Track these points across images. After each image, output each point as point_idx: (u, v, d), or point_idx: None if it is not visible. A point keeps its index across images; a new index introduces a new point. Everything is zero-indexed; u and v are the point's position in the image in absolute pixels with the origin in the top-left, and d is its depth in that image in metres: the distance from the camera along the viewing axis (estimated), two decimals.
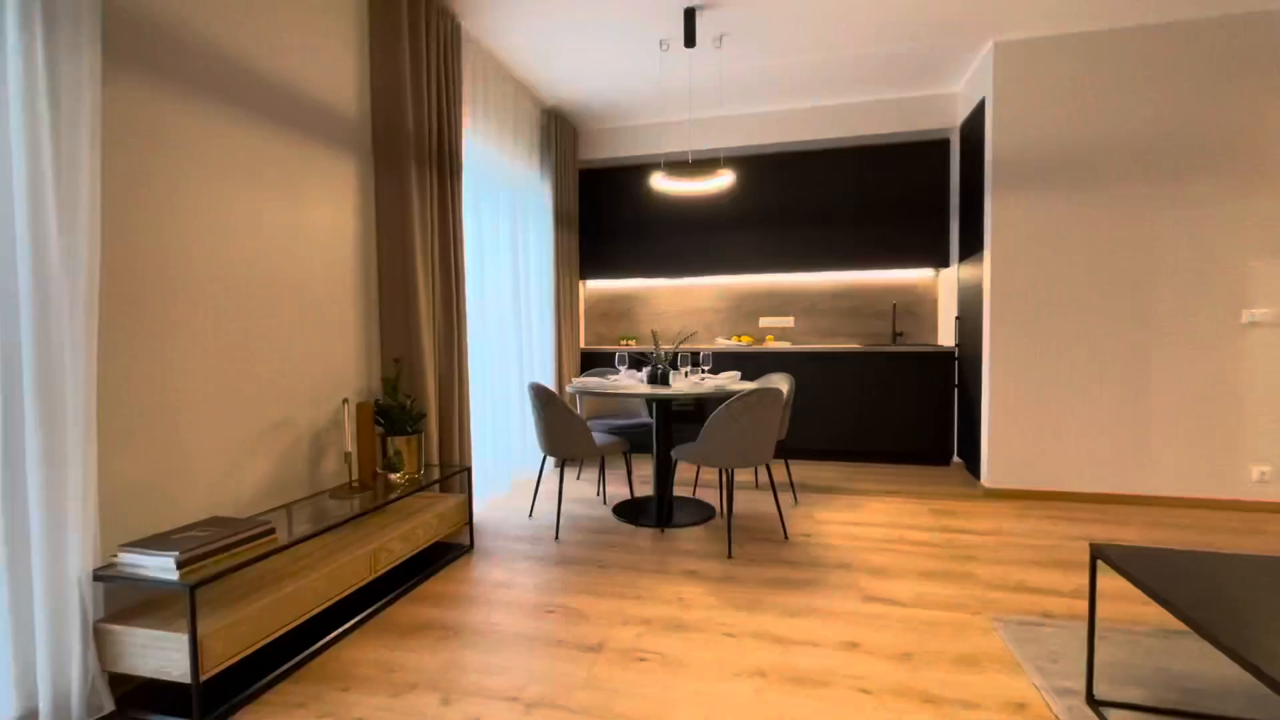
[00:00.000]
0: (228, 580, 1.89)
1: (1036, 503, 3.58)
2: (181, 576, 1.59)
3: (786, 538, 2.98)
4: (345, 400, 2.43)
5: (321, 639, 2.00)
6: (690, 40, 3.28)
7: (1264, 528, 3.10)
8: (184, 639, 1.56)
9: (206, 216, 2.02)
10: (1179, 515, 3.32)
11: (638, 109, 4.64)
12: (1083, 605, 2.25)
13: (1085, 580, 2.46)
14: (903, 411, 4.46)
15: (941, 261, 4.60)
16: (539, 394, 3.00)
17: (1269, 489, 3.35)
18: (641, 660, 1.90)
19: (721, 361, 4.75)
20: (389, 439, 2.61)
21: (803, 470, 4.38)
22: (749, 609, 2.24)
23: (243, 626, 1.68)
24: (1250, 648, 1.13)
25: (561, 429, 2.98)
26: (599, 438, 3.23)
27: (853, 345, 4.68)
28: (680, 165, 3.32)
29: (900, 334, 4.92)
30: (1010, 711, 1.65)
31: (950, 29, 3.48)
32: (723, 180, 3.50)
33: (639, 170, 5.08)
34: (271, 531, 1.87)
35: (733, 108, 4.65)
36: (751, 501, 3.60)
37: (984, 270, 3.75)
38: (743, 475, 4.24)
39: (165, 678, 1.58)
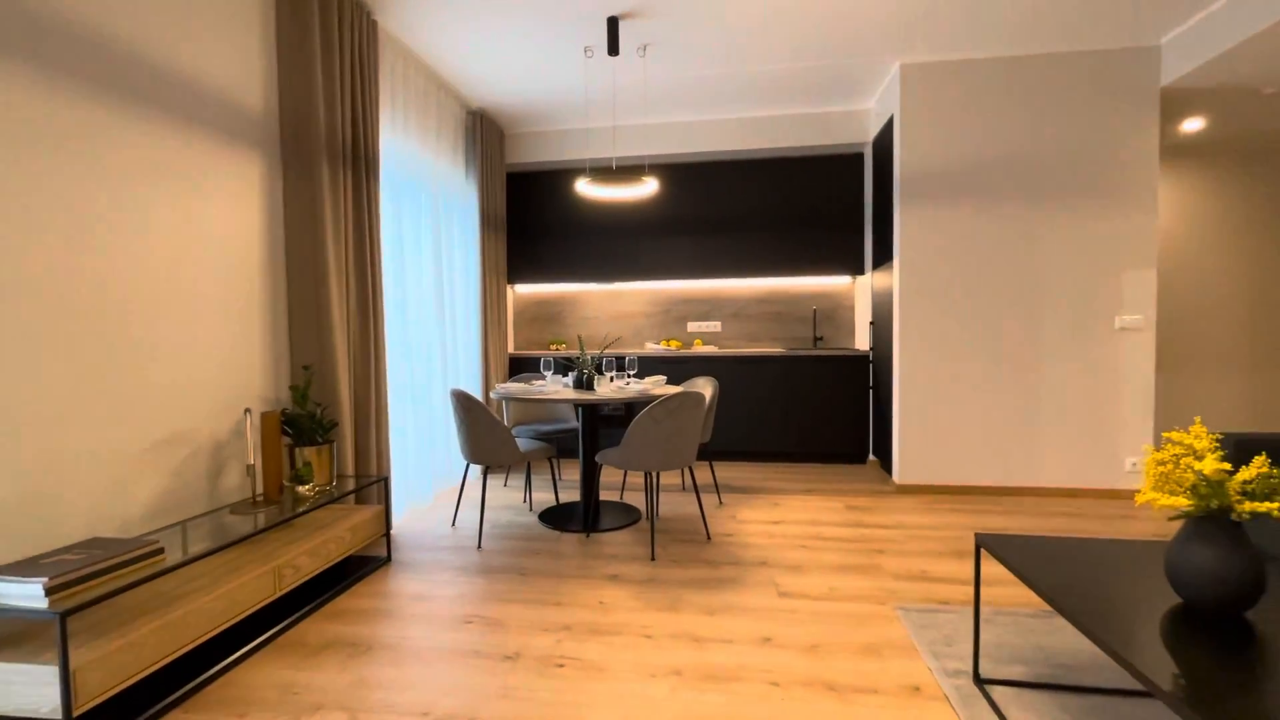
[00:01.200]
0: (110, 606, 1.75)
1: (942, 497, 3.81)
2: (51, 604, 1.46)
3: (709, 538, 3.05)
4: (247, 410, 2.31)
5: (220, 663, 1.89)
6: (614, 49, 3.32)
7: (1135, 513, 3.42)
8: (54, 671, 1.44)
9: (82, 215, 1.88)
10: (1065, 504, 3.61)
11: (565, 114, 4.64)
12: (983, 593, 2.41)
13: (989, 570, 2.63)
14: (822, 413, 4.65)
15: (857, 269, 4.83)
16: (461, 400, 2.94)
17: (1139, 478, 3.70)
18: (559, 666, 1.90)
19: (649, 366, 4.81)
20: (297, 450, 2.49)
21: (727, 471, 4.49)
22: (669, 610, 2.28)
23: (125, 655, 1.56)
24: (1101, 625, 1.25)
25: (484, 436, 2.94)
26: (524, 444, 3.20)
27: (776, 349, 4.84)
28: (605, 171, 3.35)
29: (820, 338, 5.12)
30: (906, 694, 1.75)
31: (860, 49, 3.67)
32: (647, 188, 3.56)
33: (568, 174, 5.08)
34: (159, 552, 1.75)
35: (657, 116, 4.72)
36: (678, 503, 3.65)
37: (893, 278, 3.96)
38: (670, 478, 4.30)
39: (34, 715, 1.45)
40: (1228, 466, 1.23)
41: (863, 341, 4.91)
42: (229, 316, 2.40)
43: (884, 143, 4.23)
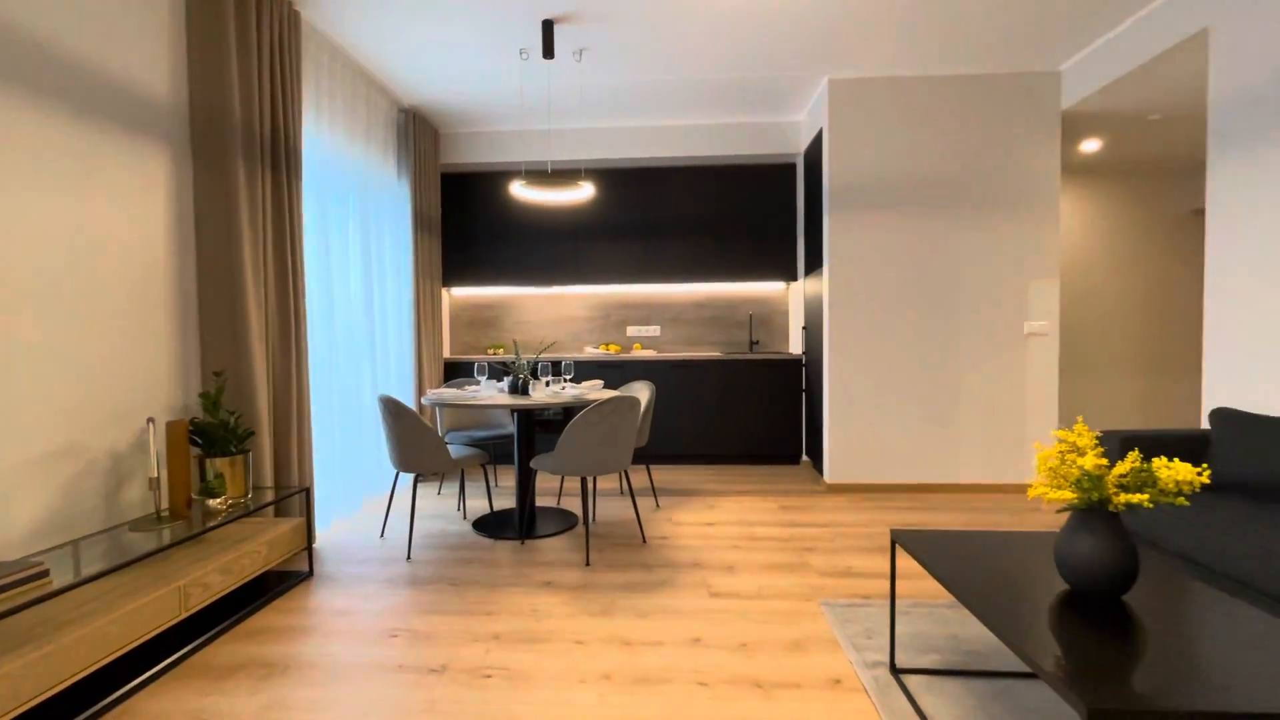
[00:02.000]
0: None
1: (869, 495, 3.96)
2: None
3: (644, 541, 3.06)
4: (150, 420, 2.16)
5: (117, 691, 1.76)
6: (549, 52, 3.30)
7: (1041, 506, 3.66)
8: None
9: None
10: (981, 499, 3.83)
11: (501, 115, 4.59)
12: (900, 586, 2.52)
13: (901, 563, 2.76)
14: (758, 415, 4.76)
15: (791, 275, 4.98)
16: (389, 406, 2.85)
17: None
18: (487, 677, 1.87)
19: (588, 370, 4.80)
20: (208, 461, 2.35)
21: (665, 474, 4.53)
22: (602, 615, 2.28)
23: (1, 687, 1.43)
24: (996, 612, 1.33)
25: (414, 443, 2.86)
26: (457, 450, 3.13)
27: (714, 353, 4.92)
28: (540, 175, 3.32)
29: (757, 342, 5.25)
30: (828, 687, 1.81)
31: (790, 63, 3.79)
32: (583, 192, 3.55)
33: (506, 176, 5.01)
34: (43, 574, 1.62)
35: (595, 120, 4.73)
36: (615, 508, 3.66)
37: (823, 285, 4.11)
38: (608, 482, 4.30)
39: None
40: (1105, 462, 1.34)
41: (796, 346, 5.06)
42: (130, 320, 2.25)
43: (814, 154, 4.38)
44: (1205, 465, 1.29)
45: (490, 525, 3.29)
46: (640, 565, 2.76)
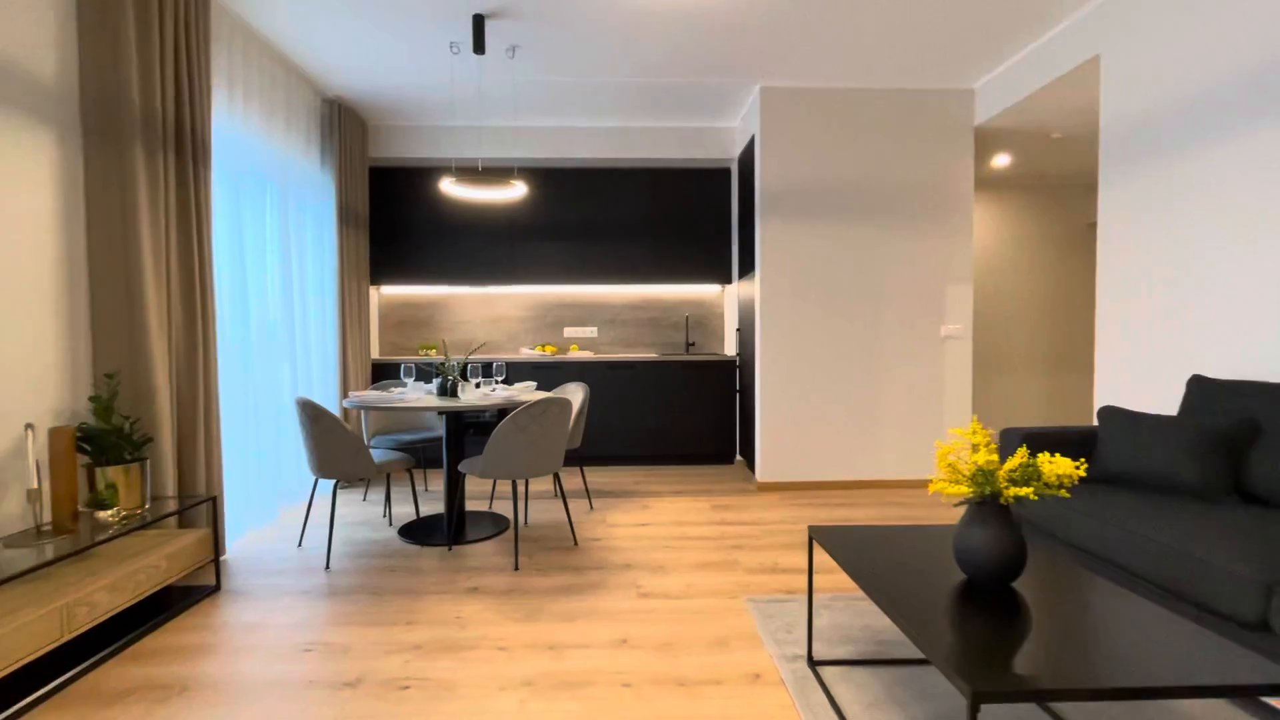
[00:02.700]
0: None
1: (799, 493, 4.08)
2: None
3: (576, 544, 3.05)
4: (29, 425, 1.99)
5: None
6: (480, 47, 3.24)
7: (940, 499, 3.86)
8: None
9: None
10: (901, 495, 4.00)
11: (432, 110, 4.47)
12: (821, 580, 2.61)
13: (823, 558, 2.85)
14: (694, 416, 4.82)
15: (725, 278, 5.07)
16: (306, 410, 2.73)
17: None
18: (404, 689, 1.81)
19: (523, 371, 4.74)
20: (99, 469, 2.18)
21: (601, 476, 4.52)
22: (528, 620, 2.25)
23: None
24: (898, 603, 1.40)
25: (333, 447, 2.74)
26: (380, 455, 3.02)
27: (650, 355, 4.95)
28: (471, 172, 3.26)
29: (693, 344, 5.31)
30: (748, 682, 1.84)
31: (723, 70, 3.86)
32: (515, 191, 3.51)
33: (439, 172, 4.89)
34: None
35: (529, 119, 4.67)
36: (549, 511, 3.62)
37: (755, 288, 4.20)
38: (543, 484, 4.26)
39: None
40: (996, 458, 1.42)
41: (731, 347, 5.15)
42: (6, 318, 2.06)
43: (748, 160, 4.47)
44: (1083, 460, 1.39)
45: (417, 531, 3.19)
46: (571, 568, 2.74)
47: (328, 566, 2.76)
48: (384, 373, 4.73)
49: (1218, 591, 1.61)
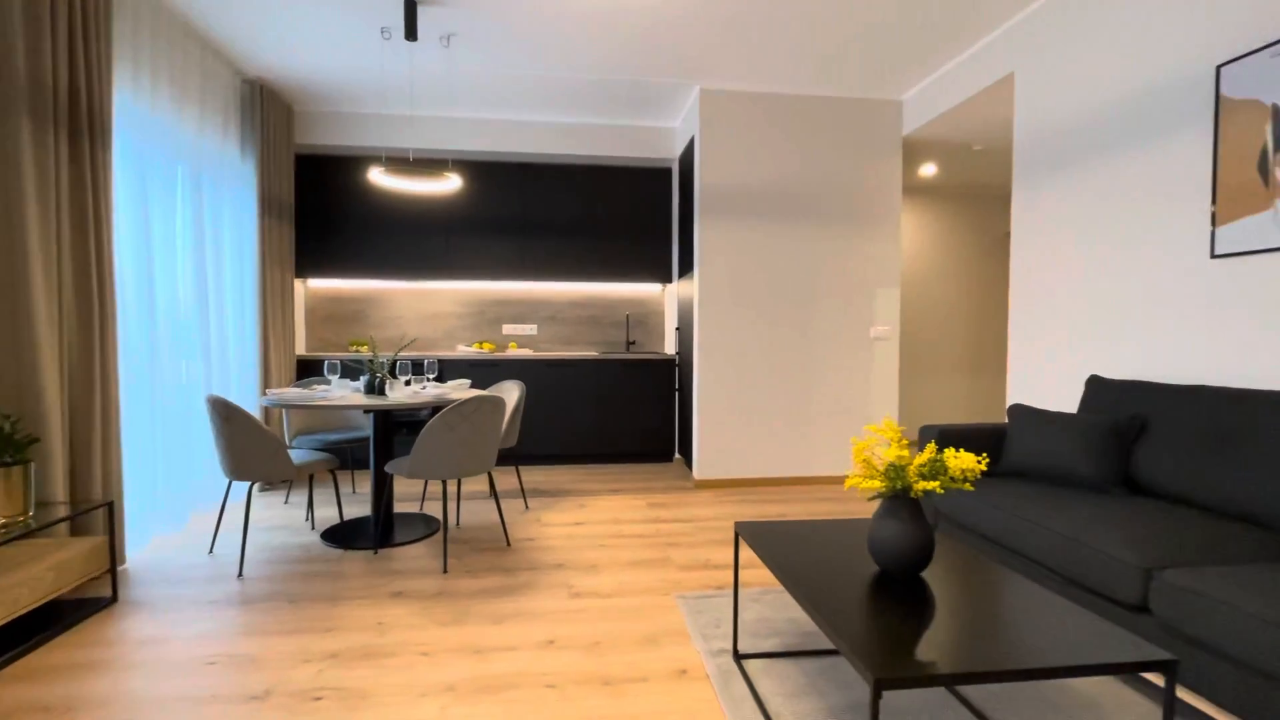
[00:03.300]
0: None
1: (734, 490, 4.15)
2: None
3: (509, 545, 3.00)
4: None
5: None
6: (411, 33, 3.14)
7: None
8: None
9: None
10: (831, 490, 4.13)
11: (363, 96, 4.30)
12: (750, 575, 2.65)
13: (752, 554, 2.90)
14: (633, 414, 4.83)
15: (666, 277, 5.10)
16: (218, 408, 2.57)
17: None
18: (316, 700, 1.73)
19: (460, 369, 4.62)
20: None
21: (538, 475, 4.47)
22: (454, 623, 2.19)
23: None
24: (814, 595, 1.43)
25: (248, 448, 2.60)
26: (301, 455, 2.88)
27: (590, 353, 4.92)
28: (401, 162, 3.14)
29: (633, 342, 5.32)
30: (674, 678, 1.86)
31: (664, 70, 3.88)
32: (450, 183, 3.41)
33: (370, 161, 4.71)
34: None
35: (466, 110, 4.56)
36: (482, 511, 3.55)
37: (694, 287, 4.24)
38: (477, 484, 4.17)
39: None
40: (907, 454, 1.48)
41: (671, 346, 5.19)
42: None
43: (688, 160, 4.51)
44: (985, 455, 1.47)
45: (341, 535, 3.06)
46: (501, 569, 2.69)
47: (240, 574, 2.61)
48: (310, 370, 4.52)
49: (1105, 576, 1.73)
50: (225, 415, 2.56)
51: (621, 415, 4.81)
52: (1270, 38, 2.10)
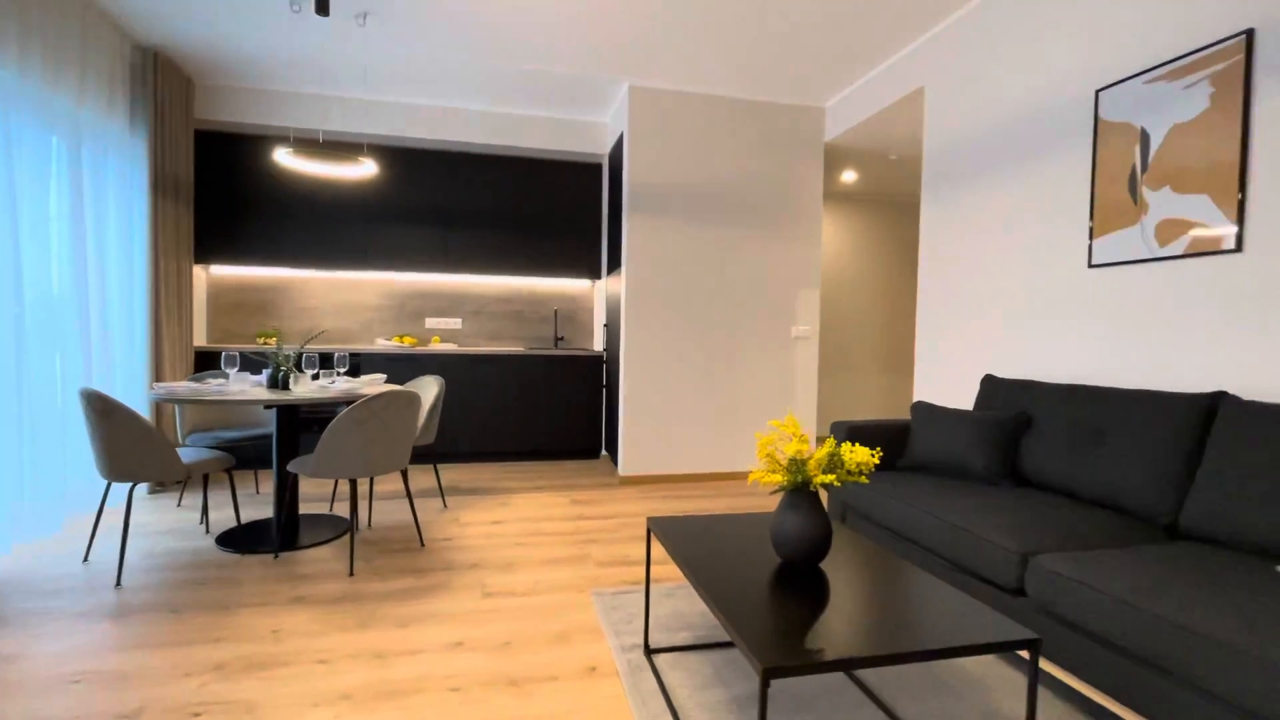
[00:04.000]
0: None
1: (659, 486, 4.18)
2: None
3: (423, 545, 2.90)
4: None
5: None
6: (323, 8, 2.97)
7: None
8: None
9: None
10: (755, 485, 4.23)
11: (272, 72, 4.04)
12: (668, 570, 2.68)
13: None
14: (560, 411, 4.78)
15: (595, 273, 5.07)
16: (92, 403, 2.35)
17: None
18: (195, 716, 1.61)
19: (376, 363, 4.44)
20: None
21: (461, 473, 4.36)
22: (357, 628, 2.09)
23: None
24: (717, 588, 1.45)
25: (127, 445, 2.39)
26: (193, 454, 2.68)
27: (517, 348, 4.84)
28: (311, 144, 2.97)
29: (561, 338, 5.27)
30: (583, 676, 1.84)
31: (592, 63, 3.85)
32: (364, 168, 3.26)
33: (281, 141, 4.44)
34: None
35: (385, 93, 4.38)
36: (396, 511, 3.42)
37: (622, 284, 4.24)
38: (393, 483, 4.02)
39: None
40: (807, 448, 1.52)
41: (600, 342, 5.17)
42: None
43: (617, 156, 4.50)
44: (879, 449, 1.53)
45: (239, 539, 2.87)
46: (413, 571, 2.60)
47: (119, 583, 2.40)
48: (210, 362, 4.22)
49: (989, 562, 1.85)
50: (102, 410, 2.35)
51: (548, 412, 4.76)
52: (1142, 65, 2.29)
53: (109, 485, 2.60)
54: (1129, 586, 1.47)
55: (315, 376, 2.98)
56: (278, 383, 2.78)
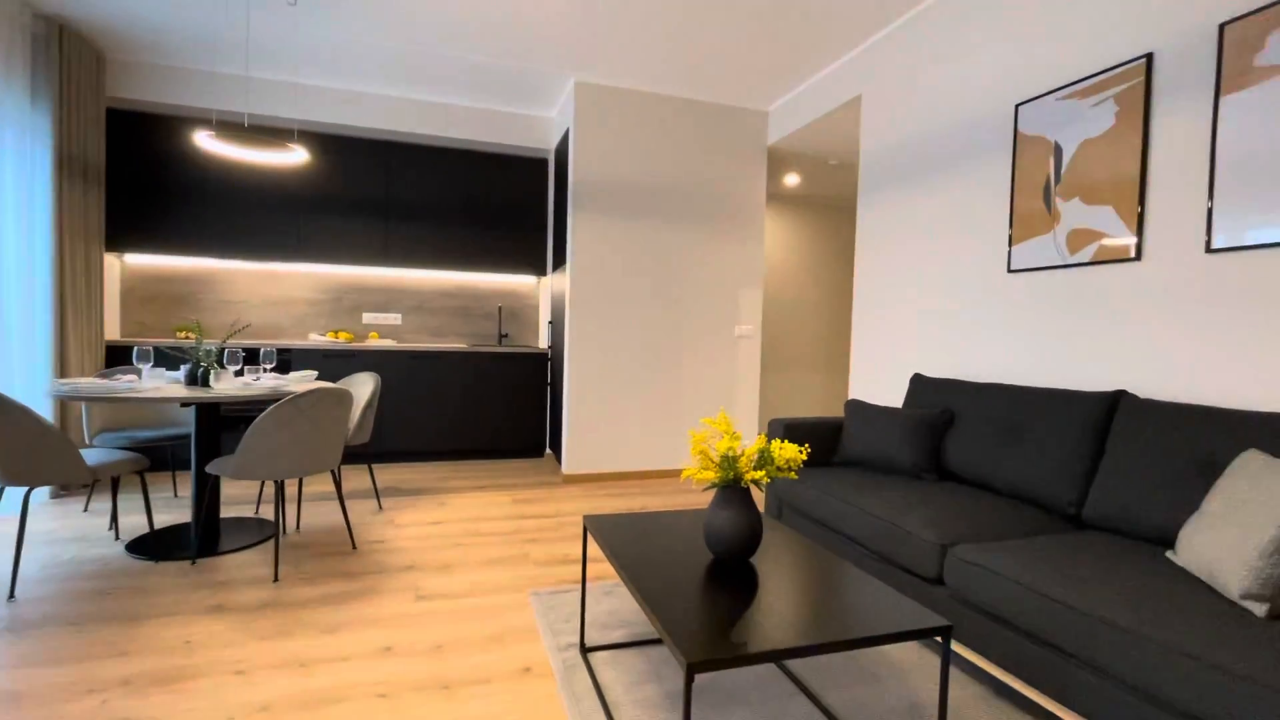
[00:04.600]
0: None
1: (603, 484, 4.17)
2: None
3: (355, 548, 2.80)
4: None
5: None
6: None
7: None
8: None
9: None
10: (689, 483, 4.28)
11: (194, 50, 3.81)
12: (607, 568, 2.67)
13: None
14: (504, 409, 4.71)
15: (541, 270, 5.02)
16: None
17: None
18: None
19: (311, 359, 4.26)
20: None
21: (399, 473, 4.24)
22: (279, 636, 2.00)
23: None
24: (649, 584, 1.46)
25: (21, 445, 2.21)
26: (100, 455, 2.51)
27: (459, 345, 4.73)
28: (235, 127, 2.81)
29: (506, 335, 5.19)
30: (517, 677, 1.82)
31: (538, 57, 3.80)
32: (294, 155, 3.12)
33: (204, 125, 4.19)
34: None
35: (320, 78, 4.20)
36: (328, 513, 3.29)
37: (567, 281, 4.21)
38: (324, 485, 3.87)
39: None
40: (738, 446, 1.55)
41: (545, 340, 5.12)
42: None
43: (563, 151, 4.46)
44: (807, 445, 1.57)
45: (153, 545, 2.70)
46: (343, 575, 2.51)
47: (12, 595, 2.22)
48: (122, 357, 3.95)
49: (912, 553, 1.93)
50: None
51: (492, 410, 4.68)
52: (1056, 83, 2.43)
53: (1, 489, 2.40)
54: (1032, 574, 1.56)
55: (239, 373, 2.83)
56: (197, 379, 2.63)
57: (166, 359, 3.97)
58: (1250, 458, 1.51)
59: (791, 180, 5.40)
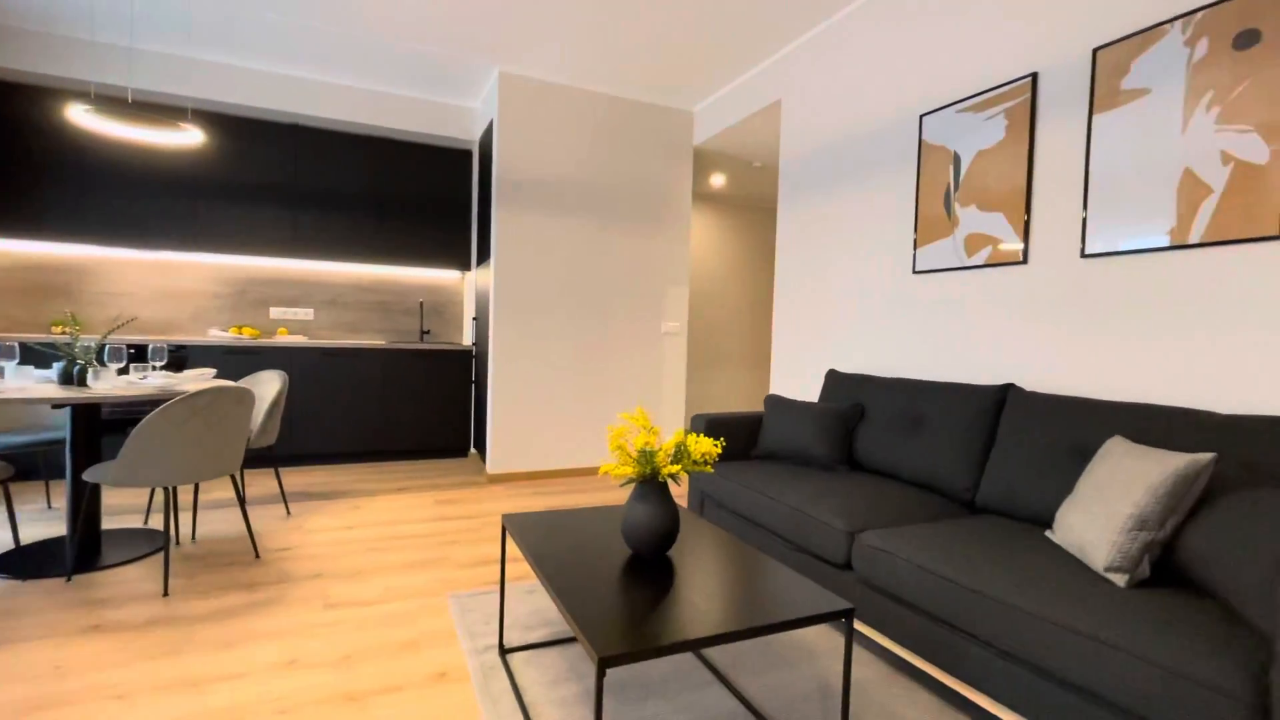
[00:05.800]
0: None
1: (529, 483, 4.11)
2: None
3: (258, 556, 2.63)
4: None
5: None
6: None
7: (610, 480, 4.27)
8: None
9: None
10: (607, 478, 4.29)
11: (69, 15, 3.46)
12: (528, 568, 2.63)
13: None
14: (426, 408, 4.55)
15: (465, 264, 4.88)
16: None
17: None
18: None
19: (210, 356, 3.96)
20: None
21: (311, 476, 4.02)
22: (168, 655, 1.85)
23: None
24: (566, 582, 1.44)
25: None
26: None
27: (378, 342, 4.54)
28: (118, 103, 2.55)
29: (428, 332, 5.02)
30: (431, 683, 1.76)
31: (461, 43, 3.68)
32: (187, 136, 2.89)
33: (81, 98, 3.80)
34: None
35: (216, 52, 3.90)
36: (230, 521, 3.08)
37: (492, 276, 4.11)
38: (224, 491, 3.61)
39: None
40: (655, 441, 1.56)
41: (469, 336, 4.99)
42: None
43: (487, 143, 4.36)
44: (722, 439, 1.61)
45: (19, 562, 2.44)
46: (243, 586, 2.35)
47: None
48: None
49: (822, 541, 2.01)
50: None
51: (413, 409, 4.51)
52: (955, 96, 2.59)
53: None
54: (927, 556, 1.66)
55: (123, 370, 2.60)
56: (72, 378, 2.39)
57: (37, 356, 3.58)
58: (1114, 444, 1.67)
59: (718, 180, 5.51)
